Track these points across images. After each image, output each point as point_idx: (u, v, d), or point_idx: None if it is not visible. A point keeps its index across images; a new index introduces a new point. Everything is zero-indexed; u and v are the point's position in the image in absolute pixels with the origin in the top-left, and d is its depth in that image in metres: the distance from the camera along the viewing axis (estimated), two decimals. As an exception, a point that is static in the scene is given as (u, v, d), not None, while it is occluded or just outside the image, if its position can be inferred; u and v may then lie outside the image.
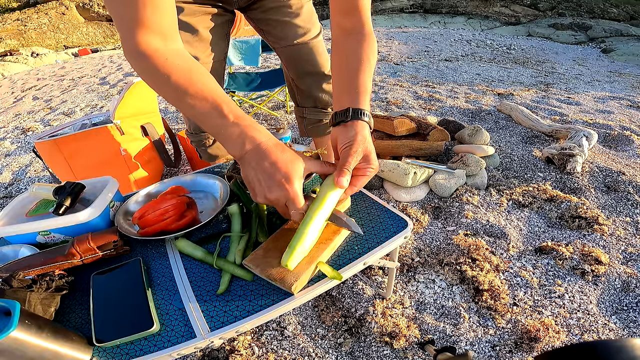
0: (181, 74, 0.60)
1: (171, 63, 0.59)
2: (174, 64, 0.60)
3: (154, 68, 0.59)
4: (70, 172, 1.48)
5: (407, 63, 4.44)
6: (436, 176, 1.56)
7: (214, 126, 0.60)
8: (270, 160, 0.58)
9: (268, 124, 2.57)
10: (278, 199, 0.59)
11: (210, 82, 0.62)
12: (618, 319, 0.99)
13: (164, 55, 0.59)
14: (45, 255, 0.65)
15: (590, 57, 5.89)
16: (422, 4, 10.54)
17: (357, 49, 0.74)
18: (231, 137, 0.59)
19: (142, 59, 0.59)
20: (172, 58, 0.60)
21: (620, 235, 1.29)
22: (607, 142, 2.03)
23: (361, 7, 0.74)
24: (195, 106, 0.60)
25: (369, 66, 0.72)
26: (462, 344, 0.94)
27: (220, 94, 0.61)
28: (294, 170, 0.59)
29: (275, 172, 0.58)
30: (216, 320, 0.57)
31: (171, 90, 0.60)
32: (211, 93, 0.60)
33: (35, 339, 0.45)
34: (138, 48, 0.58)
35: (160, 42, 0.60)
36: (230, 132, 0.59)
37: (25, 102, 3.92)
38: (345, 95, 0.70)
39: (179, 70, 0.60)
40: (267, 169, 0.58)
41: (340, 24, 0.77)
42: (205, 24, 1.08)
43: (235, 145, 0.60)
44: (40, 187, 0.81)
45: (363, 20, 0.75)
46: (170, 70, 0.59)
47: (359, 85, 0.69)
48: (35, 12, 9.30)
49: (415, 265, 1.20)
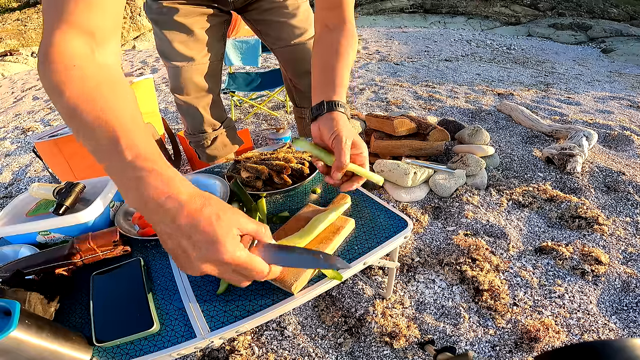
0: (80, 88, 0.44)
1: (76, 72, 0.44)
2: (80, 73, 0.45)
3: (51, 74, 0.44)
4: (70, 172, 1.47)
5: (407, 63, 4.44)
6: (436, 176, 1.56)
7: (105, 161, 0.43)
8: (186, 222, 0.40)
9: (268, 124, 2.57)
10: (221, 273, 0.43)
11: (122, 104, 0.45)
12: (618, 319, 0.99)
13: (72, 61, 0.45)
14: (45, 255, 0.65)
15: (590, 57, 5.89)
16: (422, 4, 10.54)
17: (335, 44, 0.74)
18: (125, 183, 0.42)
19: (45, 62, 0.45)
20: (81, 64, 0.45)
21: (620, 235, 1.29)
22: (607, 142, 2.03)
23: (344, 4, 0.75)
24: (84, 134, 0.44)
25: (345, 61, 0.72)
26: (462, 344, 0.94)
27: (126, 123, 0.43)
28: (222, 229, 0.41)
29: (197, 241, 0.41)
30: (216, 320, 0.57)
31: (62, 107, 0.44)
32: (114, 120, 0.43)
33: (35, 339, 0.45)
34: (48, 48, 0.45)
35: (83, 45, 0.46)
36: (125, 173, 0.42)
37: (25, 102, 3.92)
38: (320, 90, 0.69)
39: (81, 82, 0.44)
40: (185, 235, 0.41)
41: (323, 20, 0.77)
42: (201, 24, 1.08)
43: (132, 194, 0.42)
44: (40, 187, 0.81)
45: (345, 16, 0.76)
46: (68, 80, 0.44)
47: (335, 79, 0.69)
48: (35, 12, 9.29)
49: (415, 265, 1.20)
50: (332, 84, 0.68)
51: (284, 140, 1.98)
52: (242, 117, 2.73)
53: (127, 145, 0.42)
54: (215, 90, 1.26)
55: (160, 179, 0.41)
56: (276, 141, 1.98)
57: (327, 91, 0.67)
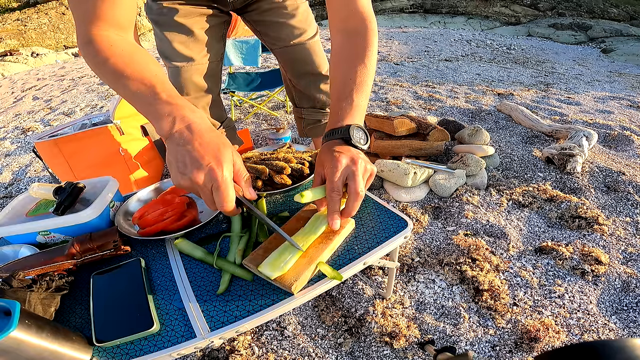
0: (120, 57, 0.61)
1: (115, 48, 0.62)
2: (118, 48, 0.62)
3: (96, 52, 0.61)
4: (70, 172, 1.48)
5: (407, 63, 4.44)
6: (436, 176, 1.56)
7: (145, 104, 0.59)
8: (202, 141, 0.54)
9: (268, 124, 2.57)
10: (205, 184, 0.53)
11: (151, 67, 0.62)
12: (618, 319, 0.99)
13: (109, 41, 0.62)
14: (45, 255, 0.65)
15: (590, 57, 5.89)
16: (422, 4, 10.54)
17: (353, 59, 0.73)
18: (161, 115, 0.57)
19: (89, 45, 0.62)
20: (117, 44, 0.62)
21: (620, 235, 1.29)
22: (607, 142, 2.03)
23: (360, 6, 0.74)
24: (129, 86, 0.59)
25: (364, 82, 0.71)
26: (462, 344, 0.94)
27: (158, 77, 0.61)
28: (225, 155, 0.55)
29: (205, 155, 0.53)
30: (216, 320, 0.57)
31: (109, 73, 0.61)
32: (148, 75, 0.60)
33: (35, 339, 0.45)
34: (90, 37, 0.62)
35: (113, 33, 0.63)
36: (160, 109, 0.57)
37: (25, 102, 3.92)
38: (333, 112, 0.70)
39: (120, 54, 0.61)
40: (197, 149, 0.54)
41: (339, 27, 0.77)
42: (200, 25, 1.08)
43: (164, 122, 0.56)
44: (40, 187, 0.81)
45: (364, 16, 0.75)
46: (111, 54, 0.61)
47: (352, 102, 0.68)
48: (35, 12, 9.30)
49: (415, 265, 1.20)
50: (345, 107, 0.68)
51: (284, 140, 1.98)
52: (242, 117, 2.73)
53: (163, 89, 0.59)
54: (215, 90, 1.26)
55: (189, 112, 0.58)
56: (276, 141, 1.98)
57: (340, 117, 0.68)
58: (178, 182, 0.55)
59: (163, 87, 0.59)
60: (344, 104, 0.69)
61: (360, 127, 0.68)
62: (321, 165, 0.65)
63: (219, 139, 0.57)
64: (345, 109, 0.68)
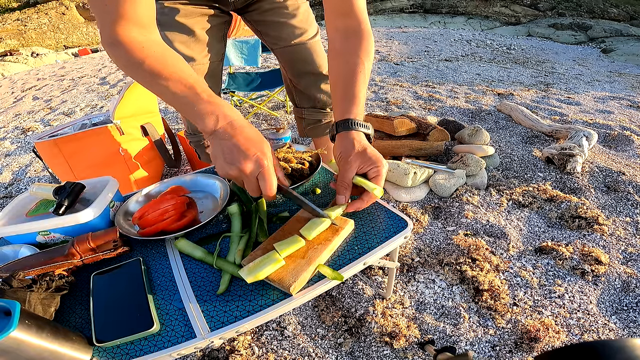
0: (155, 59, 0.64)
1: (147, 50, 0.64)
2: (150, 50, 0.65)
3: (129, 55, 0.64)
4: (70, 172, 1.47)
5: (407, 63, 4.44)
6: (436, 176, 1.56)
7: (186, 104, 0.63)
8: (245, 136, 0.61)
9: (268, 124, 2.57)
10: (252, 172, 0.61)
11: (184, 67, 0.66)
12: (618, 319, 0.99)
13: (140, 43, 0.64)
14: (45, 255, 0.65)
15: (590, 57, 5.89)
16: (422, 4, 10.54)
17: (352, 56, 0.78)
18: (204, 114, 0.62)
19: (119, 46, 0.64)
20: (148, 45, 0.65)
21: (620, 235, 1.29)
22: (607, 142, 2.03)
23: (357, 7, 0.75)
24: (169, 87, 0.63)
25: (362, 75, 0.77)
26: (462, 344, 0.94)
27: (194, 77, 0.65)
28: (266, 148, 0.63)
29: (250, 147, 0.60)
30: (216, 320, 0.57)
31: (146, 75, 0.64)
32: (185, 75, 0.64)
33: (35, 339, 0.45)
34: (116, 37, 0.63)
35: (138, 32, 0.65)
36: (203, 108, 0.62)
37: (25, 102, 3.92)
38: (338, 107, 0.76)
39: (153, 56, 0.64)
40: (242, 143, 0.61)
41: (337, 27, 0.78)
42: (201, 25, 1.08)
43: (208, 120, 0.62)
44: (40, 187, 0.81)
45: (359, 17, 0.77)
46: (145, 56, 0.64)
47: (354, 98, 0.75)
48: (35, 12, 9.31)
49: (415, 265, 1.20)
50: (349, 102, 0.74)
51: (284, 140, 1.97)
52: (242, 117, 2.73)
53: (202, 90, 0.64)
54: (216, 90, 1.26)
55: (229, 110, 0.64)
56: (276, 141, 1.98)
57: (344, 109, 0.74)
58: (226, 172, 0.62)
59: (201, 87, 0.64)
60: (349, 98, 0.75)
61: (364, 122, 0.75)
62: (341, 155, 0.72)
63: (258, 134, 0.64)
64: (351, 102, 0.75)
